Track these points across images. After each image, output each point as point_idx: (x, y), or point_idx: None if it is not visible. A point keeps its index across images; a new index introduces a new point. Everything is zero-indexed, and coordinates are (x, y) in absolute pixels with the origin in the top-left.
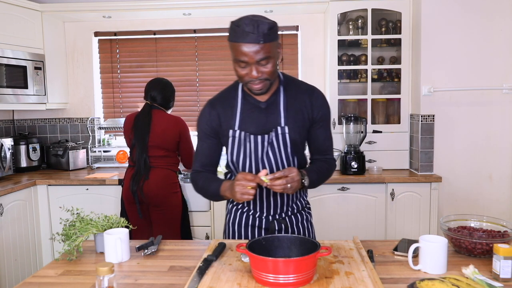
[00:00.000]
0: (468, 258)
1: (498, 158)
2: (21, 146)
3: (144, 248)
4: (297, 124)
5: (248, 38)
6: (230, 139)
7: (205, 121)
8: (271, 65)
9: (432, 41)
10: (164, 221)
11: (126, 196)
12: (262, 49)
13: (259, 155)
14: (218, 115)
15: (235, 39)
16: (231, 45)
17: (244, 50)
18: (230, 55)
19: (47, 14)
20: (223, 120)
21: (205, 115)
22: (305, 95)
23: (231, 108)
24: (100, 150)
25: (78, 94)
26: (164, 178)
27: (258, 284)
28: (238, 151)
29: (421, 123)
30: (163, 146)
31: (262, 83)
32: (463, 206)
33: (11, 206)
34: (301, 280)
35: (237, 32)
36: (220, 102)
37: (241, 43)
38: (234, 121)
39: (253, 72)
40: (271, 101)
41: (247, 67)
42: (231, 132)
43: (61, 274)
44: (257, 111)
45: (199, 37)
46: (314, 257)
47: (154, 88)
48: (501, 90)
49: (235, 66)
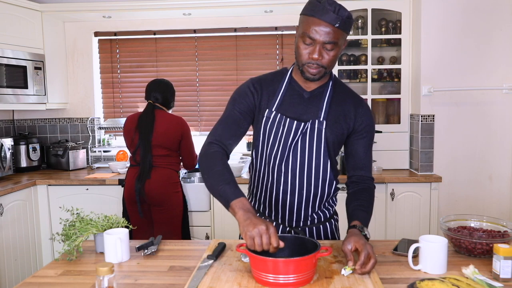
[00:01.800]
0: (468, 258)
1: (498, 158)
2: (21, 146)
3: (144, 248)
4: (336, 126)
5: (326, 16)
6: (264, 120)
7: (244, 95)
8: (334, 53)
9: (432, 41)
10: (165, 221)
11: (127, 196)
12: (335, 33)
13: (289, 142)
14: (260, 91)
15: (313, 13)
16: (303, 19)
17: (318, 27)
18: (297, 30)
19: (47, 14)
20: (264, 98)
21: (249, 86)
22: (351, 103)
23: (273, 90)
24: (100, 150)
25: (78, 94)
26: (166, 178)
27: (258, 284)
28: (269, 134)
29: (421, 123)
30: (165, 146)
31: (318, 68)
32: (463, 206)
33: (11, 206)
34: (301, 280)
35: (317, 7)
36: (264, 82)
37: (317, 19)
38: (274, 102)
39: (316, 53)
40: (316, 93)
41: (312, 46)
42: (267, 112)
43: (61, 274)
44: (299, 99)
45: (199, 37)
46: (314, 257)
47: (156, 89)
48: (501, 90)
49: (299, 42)
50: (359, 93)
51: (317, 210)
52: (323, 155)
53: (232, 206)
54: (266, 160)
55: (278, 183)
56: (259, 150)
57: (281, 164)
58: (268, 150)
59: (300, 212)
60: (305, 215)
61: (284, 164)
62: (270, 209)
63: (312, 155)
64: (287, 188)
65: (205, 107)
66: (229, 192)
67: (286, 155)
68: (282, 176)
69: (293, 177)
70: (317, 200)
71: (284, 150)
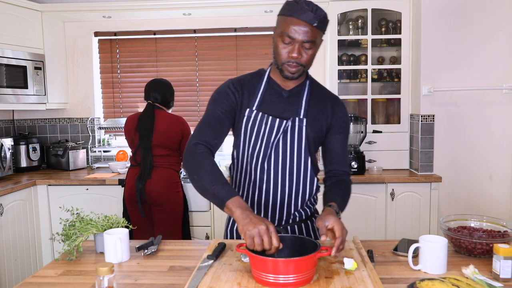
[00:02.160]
0: (468, 258)
1: (498, 158)
2: (21, 146)
3: (144, 248)
4: (315, 123)
5: (305, 16)
6: (245, 119)
7: (225, 95)
8: (312, 52)
9: (432, 41)
10: (166, 221)
11: (128, 196)
12: (313, 32)
13: (271, 141)
14: (240, 92)
15: (291, 13)
16: (282, 19)
17: (297, 26)
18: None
19: (47, 14)
20: (244, 98)
21: (229, 86)
22: (328, 101)
23: (253, 89)
24: (100, 150)
25: (78, 94)
26: (166, 178)
27: (258, 284)
28: (251, 133)
29: (421, 123)
30: (165, 145)
31: (297, 67)
32: (463, 206)
33: (11, 206)
34: (301, 280)
35: (295, 7)
36: (244, 81)
37: (295, 18)
38: (254, 101)
39: (295, 52)
40: (294, 91)
41: (291, 45)
42: (248, 111)
43: (61, 274)
44: (278, 97)
45: (199, 37)
46: (314, 257)
47: (155, 89)
48: (501, 90)
49: (278, 41)
50: (359, 93)
51: (299, 208)
52: (304, 152)
53: (228, 205)
54: (248, 159)
55: (261, 182)
56: (240, 150)
57: (264, 162)
58: (249, 149)
59: (283, 210)
60: (288, 213)
61: (266, 162)
62: (252, 208)
63: (293, 153)
64: (269, 186)
65: (205, 107)
66: (223, 192)
67: (268, 153)
68: (265, 174)
69: (276, 175)
70: (299, 198)
71: (266, 148)
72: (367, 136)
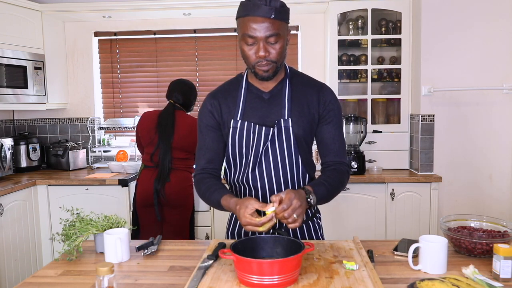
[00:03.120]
0: (468, 258)
1: (498, 158)
2: (21, 146)
3: (144, 248)
4: (302, 119)
5: (259, 11)
6: (231, 130)
7: (207, 113)
8: (279, 45)
9: (432, 41)
10: (177, 222)
11: (142, 198)
12: (273, 24)
13: (260, 148)
14: (219, 105)
15: (245, 13)
16: (239, 22)
17: (254, 24)
18: (237, 41)
19: (47, 14)
20: (224, 111)
21: (207, 106)
22: (312, 90)
23: (233, 99)
24: (100, 150)
25: (78, 94)
26: (183, 180)
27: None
28: (240, 143)
29: (421, 123)
30: (185, 149)
31: (269, 65)
32: (463, 206)
33: (11, 206)
34: (286, 281)
35: (247, 5)
36: (222, 93)
37: (251, 17)
38: (237, 111)
39: (261, 50)
40: (275, 91)
41: (255, 45)
42: (232, 122)
43: (61, 274)
44: (260, 102)
45: (199, 37)
46: (299, 258)
47: (179, 89)
48: (501, 90)
49: (242, 45)
50: (359, 93)
51: None
52: (294, 152)
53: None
54: (239, 168)
55: (255, 189)
56: (231, 161)
57: (255, 170)
58: (240, 158)
59: None
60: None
61: (257, 169)
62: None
63: (284, 155)
64: (265, 192)
65: None
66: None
67: (258, 160)
68: (258, 182)
69: (269, 181)
70: None
71: (256, 156)
72: (367, 136)
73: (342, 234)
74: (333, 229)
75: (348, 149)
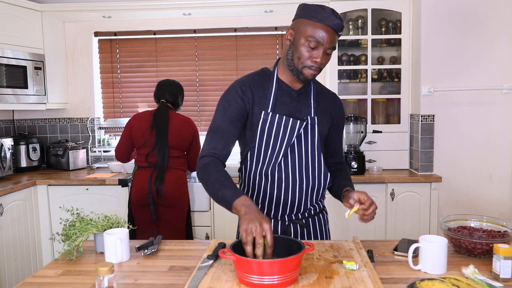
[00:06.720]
0: (468, 258)
1: (498, 158)
2: (21, 146)
3: (144, 248)
4: (324, 120)
5: (333, 23)
6: (261, 121)
7: (237, 98)
8: (330, 57)
9: (432, 41)
10: (173, 222)
11: (138, 198)
12: (336, 39)
13: (290, 141)
14: (251, 94)
15: (319, 19)
16: (308, 23)
17: (325, 33)
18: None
19: (47, 14)
20: (256, 101)
21: (237, 91)
22: (329, 96)
23: (264, 91)
24: (100, 150)
25: (78, 94)
26: (178, 179)
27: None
28: (269, 135)
29: (421, 123)
30: (178, 147)
31: (317, 71)
32: (463, 206)
33: (11, 206)
34: (286, 281)
35: (322, 13)
36: (253, 83)
37: (325, 25)
38: (267, 103)
39: (320, 57)
40: (302, 91)
41: (316, 50)
42: (263, 114)
43: (61, 274)
44: (289, 98)
45: (199, 37)
46: (299, 258)
47: (169, 89)
48: (501, 90)
49: (302, 45)
50: (359, 93)
51: (314, 203)
52: (317, 149)
53: (235, 206)
54: (262, 160)
55: (279, 180)
56: (255, 151)
57: (281, 161)
58: (267, 149)
59: (300, 206)
60: (304, 208)
61: (283, 161)
62: (269, 207)
63: (308, 150)
64: (288, 184)
65: (205, 107)
66: (229, 195)
67: (285, 153)
68: (283, 173)
69: (294, 173)
70: (315, 193)
71: (284, 148)
72: (367, 136)
73: (342, 234)
74: (333, 229)
75: (348, 149)
